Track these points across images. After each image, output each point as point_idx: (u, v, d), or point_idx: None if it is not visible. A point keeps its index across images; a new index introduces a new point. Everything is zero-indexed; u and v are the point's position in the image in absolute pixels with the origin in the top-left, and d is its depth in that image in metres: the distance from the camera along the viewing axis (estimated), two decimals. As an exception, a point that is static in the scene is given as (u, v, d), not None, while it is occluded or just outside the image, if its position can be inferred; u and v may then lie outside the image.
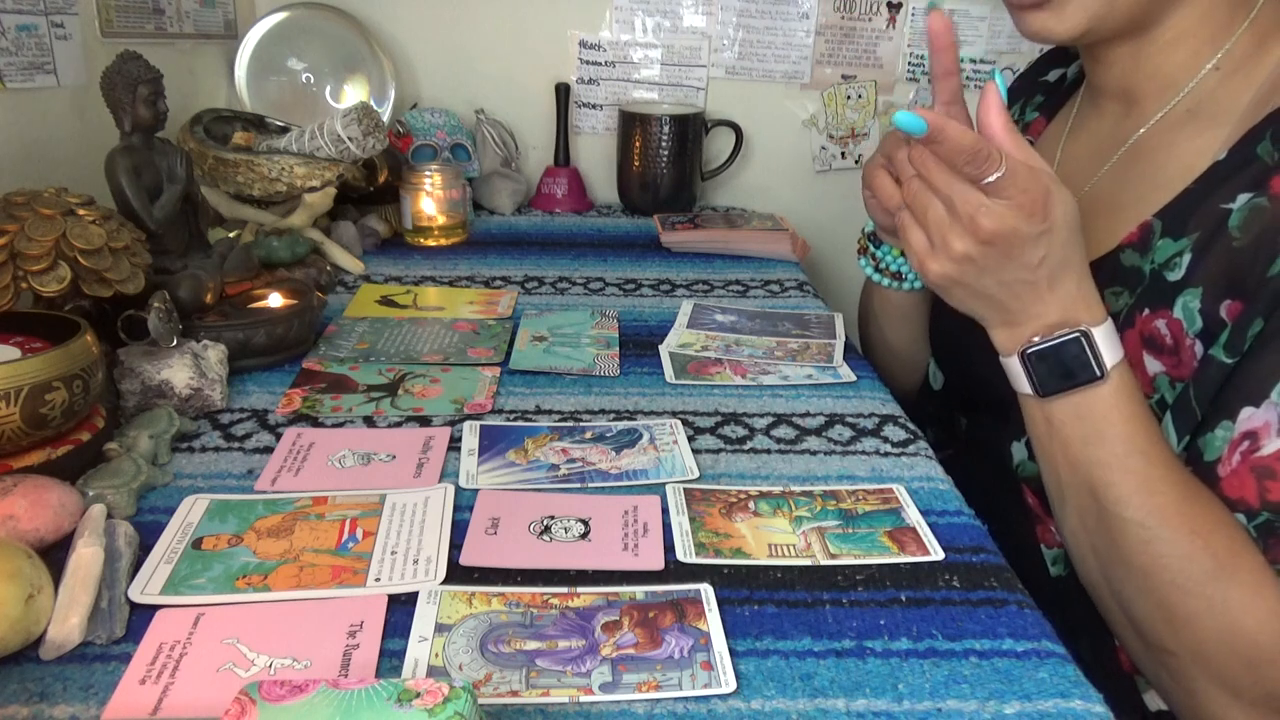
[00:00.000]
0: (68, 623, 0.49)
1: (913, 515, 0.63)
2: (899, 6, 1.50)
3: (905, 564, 0.58)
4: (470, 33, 1.48)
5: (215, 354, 0.76)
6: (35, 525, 0.55)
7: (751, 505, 0.64)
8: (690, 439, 0.73)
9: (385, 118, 1.38)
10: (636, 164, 1.42)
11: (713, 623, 0.52)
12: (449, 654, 0.49)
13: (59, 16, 0.98)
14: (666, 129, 1.39)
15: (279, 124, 1.24)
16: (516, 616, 0.52)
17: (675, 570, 0.57)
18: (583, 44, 1.50)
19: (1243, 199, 0.61)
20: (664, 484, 0.66)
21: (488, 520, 0.61)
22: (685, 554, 0.58)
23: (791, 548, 0.59)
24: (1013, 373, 0.63)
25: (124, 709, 0.45)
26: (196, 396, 0.74)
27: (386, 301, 1.01)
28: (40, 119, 0.98)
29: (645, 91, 1.53)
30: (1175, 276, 0.63)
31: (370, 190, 1.22)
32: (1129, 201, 0.70)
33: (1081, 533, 0.63)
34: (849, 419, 0.77)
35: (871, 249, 0.85)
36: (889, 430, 0.75)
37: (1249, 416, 0.57)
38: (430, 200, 1.21)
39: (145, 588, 0.53)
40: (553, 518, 0.62)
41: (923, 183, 0.60)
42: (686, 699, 0.47)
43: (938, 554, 0.59)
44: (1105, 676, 0.65)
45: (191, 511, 0.61)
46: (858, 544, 0.60)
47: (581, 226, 1.38)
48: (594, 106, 1.53)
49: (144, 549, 0.57)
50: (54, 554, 0.54)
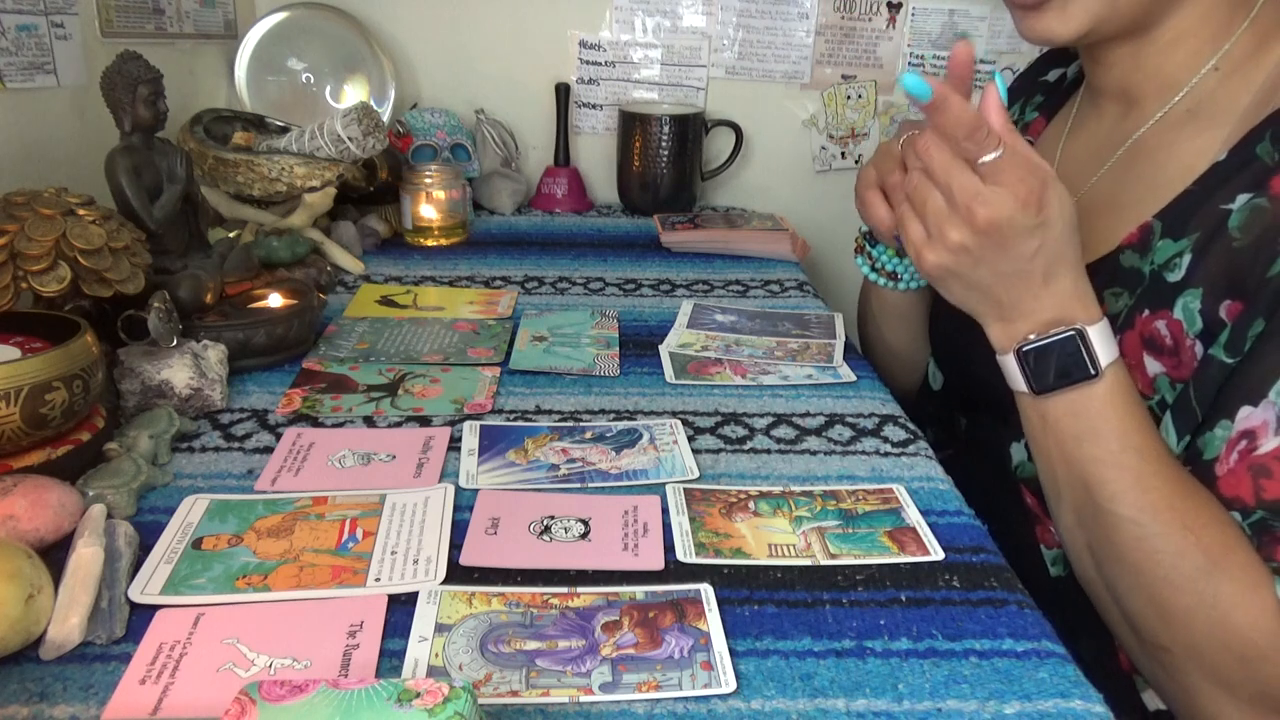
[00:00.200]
0: (68, 623, 0.49)
1: (913, 515, 0.63)
2: (899, 6, 1.50)
3: (905, 564, 0.58)
4: (470, 33, 1.48)
5: (215, 354, 0.76)
6: (35, 525, 0.55)
7: (751, 505, 0.64)
8: (690, 439, 0.73)
9: (385, 118, 1.38)
10: (636, 164, 1.42)
11: (713, 623, 0.52)
12: (449, 654, 0.49)
13: (59, 16, 0.98)
14: (666, 129, 1.39)
15: (279, 124, 1.24)
16: (516, 616, 0.52)
17: (675, 570, 0.57)
18: (583, 44, 1.50)
19: (1243, 199, 0.61)
20: (664, 484, 0.66)
21: (488, 520, 0.61)
22: (685, 554, 0.58)
23: (791, 548, 0.59)
24: (1008, 370, 0.64)
25: (124, 709, 0.45)
26: (196, 396, 0.74)
27: (386, 301, 1.01)
28: (40, 119, 0.98)
29: (645, 91, 1.53)
30: (1175, 277, 0.63)
31: (370, 190, 1.22)
32: (1129, 202, 0.70)
33: (1077, 529, 0.63)
34: (849, 419, 0.77)
35: (868, 248, 0.86)
36: (889, 430, 0.75)
37: (1247, 415, 0.57)
38: (430, 200, 1.21)
39: (145, 588, 0.53)
40: (553, 518, 0.62)
41: (924, 176, 0.61)
42: (686, 699, 0.47)
43: (938, 554, 0.59)
44: (1105, 676, 0.65)
45: (191, 511, 0.61)
46: (858, 544, 0.60)
47: (581, 226, 1.38)
48: (594, 106, 1.53)
49: (144, 549, 0.57)
50: (54, 554, 0.54)
